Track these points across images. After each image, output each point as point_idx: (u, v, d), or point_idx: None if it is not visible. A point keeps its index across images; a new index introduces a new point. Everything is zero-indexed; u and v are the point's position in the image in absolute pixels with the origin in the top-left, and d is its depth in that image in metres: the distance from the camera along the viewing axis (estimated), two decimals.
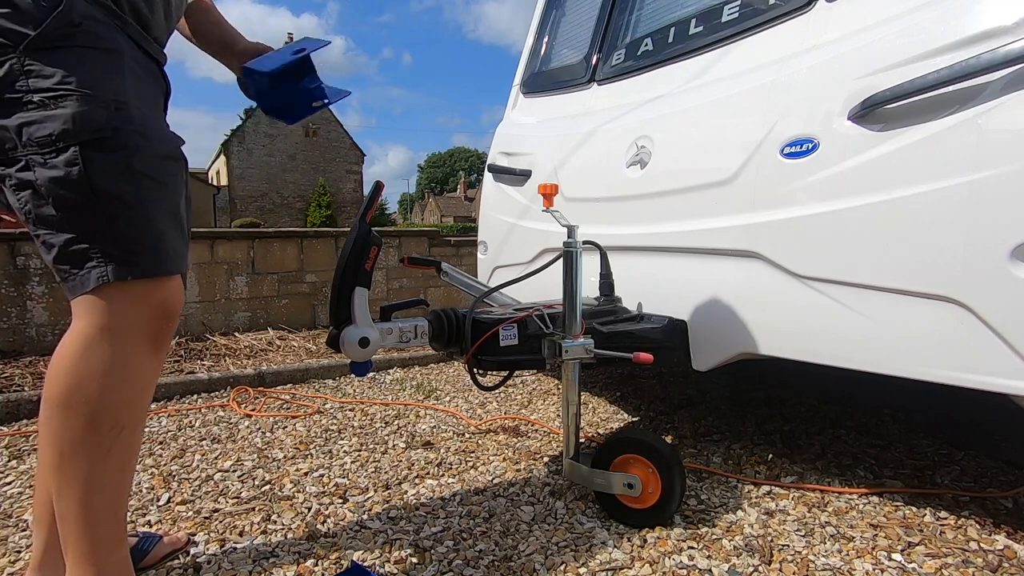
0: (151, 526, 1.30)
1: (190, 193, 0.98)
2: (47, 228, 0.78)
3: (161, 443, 1.84)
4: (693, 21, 1.74)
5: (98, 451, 0.82)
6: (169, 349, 0.92)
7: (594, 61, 2.11)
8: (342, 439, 1.87)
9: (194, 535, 1.25)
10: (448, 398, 2.36)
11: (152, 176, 0.81)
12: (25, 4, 0.72)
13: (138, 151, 0.79)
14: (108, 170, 0.76)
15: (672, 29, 1.81)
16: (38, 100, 0.72)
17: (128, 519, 1.31)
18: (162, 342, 0.89)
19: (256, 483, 1.52)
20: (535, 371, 2.65)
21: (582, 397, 1.76)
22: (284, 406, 2.27)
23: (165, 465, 1.65)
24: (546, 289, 1.57)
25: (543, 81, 2.39)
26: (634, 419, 2.06)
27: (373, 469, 1.61)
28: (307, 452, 1.75)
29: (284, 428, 1.98)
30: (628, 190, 1.78)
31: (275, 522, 1.31)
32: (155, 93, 0.90)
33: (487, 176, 2.45)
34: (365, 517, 1.33)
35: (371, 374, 2.82)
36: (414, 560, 1.15)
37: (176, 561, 1.15)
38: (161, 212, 0.84)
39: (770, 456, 1.67)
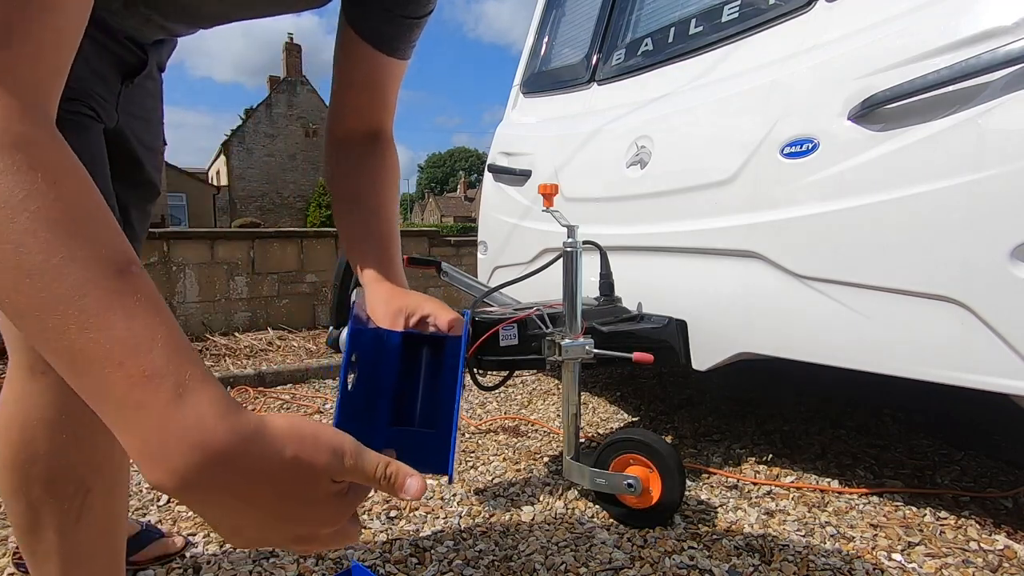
0: None
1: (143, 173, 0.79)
2: None
3: None
4: (693, 21, 1.74)
5: (65, 520, 0.69)
6: None
7: (594, 61, 2.11)
8: None
9: (194, 535, 1.25)
10: None
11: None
12: None
13: None
14: None
15: (672, 29, 1.81)
16: None
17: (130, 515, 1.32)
18: None
19: None
20: (535, 371, 2.64)
21: (582, 397, 1.76)
22: (284, 406, 2.27)
23: None
24: (546, 289, 1.57)
25: (543, 81, 2.39)
26: (634, 419, 2.06)
27: None
28: None
29: None
30: (628, 190, 1.78)
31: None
32: (105, 66, 0.70)
33: (487, 176, 2.45)
34: (365, 517, 1.33)
35: None
36: (414, 560, 1.15)
37: (175, 563, 1.15)
38: None
39: (770, 456, 1.67)
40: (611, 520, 1.30)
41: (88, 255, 0.33)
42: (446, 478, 1.47)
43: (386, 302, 0.65)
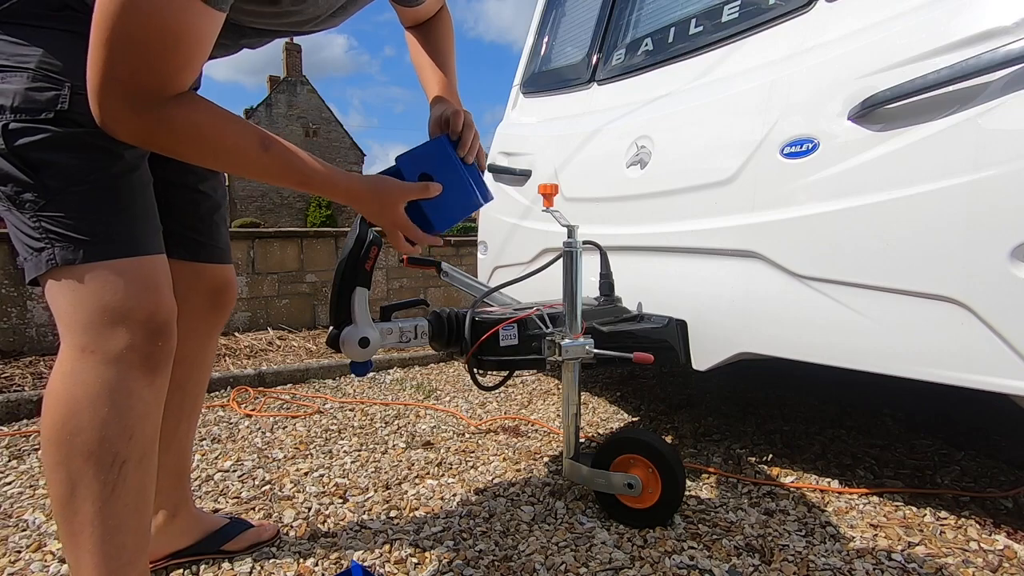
0: None
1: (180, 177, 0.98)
2: (3, 205, 0.74)
3: None
4: (693, 21, 1.74)
5: (102, 491, 0.75)
6: (168, 373, 0.83)
7: (594, 61, 2.11)
8: (342, 439, 1.87)
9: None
10: (448, 398, 2.36)
11: (104, 150, 0.75)
12: None
13: (85, 127, 0.72)
14: (44, 144, 0.72)
15: (672, 29, 1.81)
16: None
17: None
18: (158, 364, 0.79)
19: (256, 483, 1.52)
20: (535, 371, 2.65)
21: (582, 397, 1.76)
22: (284, 406, 2.27)
23: None
24: (546, 289, 1.57)
25: (543, 81, 2.39)
26: (634, 419, 2.06)
27: (373, 469, 1.61)
28: (307, 452, 1.75)
29: (284, 428, 1.98)
30: (628, 190, 1.78)
31: (275, 522, 1.31)
32: None
33: (487, 176, 2.45)
34: (365, 517, 1.33)
35: (371, 374, 2.82)
36: (414, 560, 1.16)
37: (177, 562, 1.15)
38: (119, 187, 0.77)
39: (770, 456, 1.67)
40: (611, 520, 1.30)
41: (294, 152, 0.77)
42: (445, 480, 1.48)
43: (436, 112, 1.00)
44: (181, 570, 1.12)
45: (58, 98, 0.72)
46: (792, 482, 1.49)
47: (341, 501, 1.42)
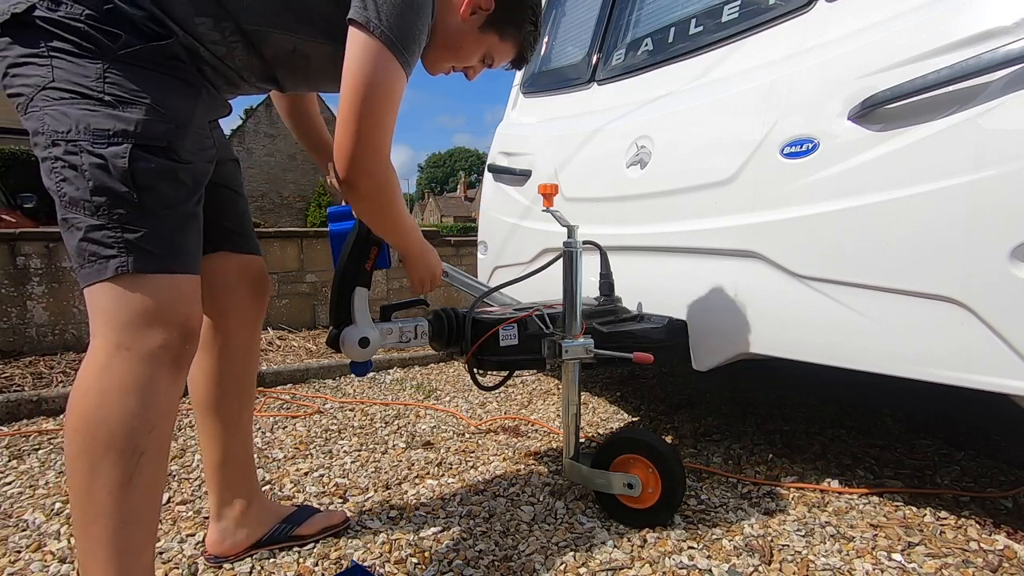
0: None
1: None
2: (78, 211, 0.80)
3: None
4: (693, 21, 1.74)
5: (119, 481, 0.79)
6: (186, 376, 0.90)
7: (594, 61, 2.11)
8: (342, 439, 1.87)
9: (193, 535, 1.25)
10: (448, 398, 2.36)
11: (188, 184, 0.87)
12: (144, 29, 0.83)
13: (182, 162, 0.85)
14: (153, 171, 0.82)
15: (672, 29, 1.81)
16: (109, 100, 0.80)
17: None
18: (183, 365, 0.87)
19: None
20: (535, 371, 2.64)
21: (582, 397, 1.76)
22: (284, 406, 2.27)
23: None
24: (546, 289, 1.57)
25: (543, 81, 2.39)
26: (634, 419, 2.06)
27: (373, 469, 1.61)
28: (307, 452, 1.75)
29: (284, 428, 1.98)
30: (628, 190, 1.78)
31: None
32: (211, 121, 0.99)
33: (487, 176, 2.45)
34: (365, 517, 1.33)
35: (371, 374, 2.82)
36: (414, 560, 1.16)
37: (175, 563, 1.15)
38: (190, 216, 0.88)
39: (770, 456, 1.67)
40: (611, 520, 1.30)
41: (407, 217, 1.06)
42: (445, 480, 1.48)
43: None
44: (178, 571, 1.12)
45: (168, 131, 0.83)
46: (792, 482, 1.49)
47: (341, 501, 1.42)
